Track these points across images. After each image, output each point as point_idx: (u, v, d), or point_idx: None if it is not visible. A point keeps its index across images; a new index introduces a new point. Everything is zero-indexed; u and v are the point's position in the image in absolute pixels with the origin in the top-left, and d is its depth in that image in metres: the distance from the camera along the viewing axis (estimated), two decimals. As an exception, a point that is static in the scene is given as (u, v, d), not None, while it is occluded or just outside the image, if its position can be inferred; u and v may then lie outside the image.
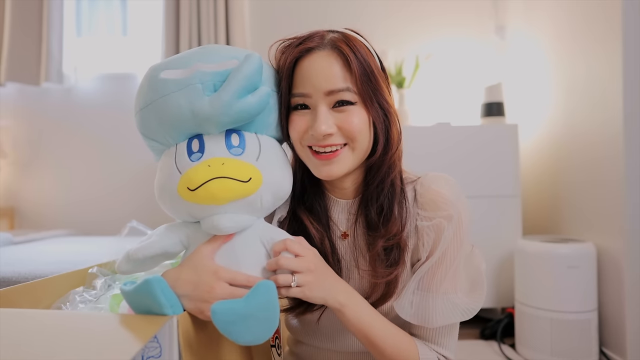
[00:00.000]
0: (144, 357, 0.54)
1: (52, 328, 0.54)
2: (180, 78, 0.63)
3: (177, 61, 0.65)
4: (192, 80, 0.62)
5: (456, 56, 2.37)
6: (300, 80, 0.72)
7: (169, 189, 0.65)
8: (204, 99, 0.61)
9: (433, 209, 0.73)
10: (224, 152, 0.64)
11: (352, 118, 0.71)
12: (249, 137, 0.67)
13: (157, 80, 0.64)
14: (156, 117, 0.65)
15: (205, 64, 0.63)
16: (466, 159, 1.95)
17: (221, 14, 2.35)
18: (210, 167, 0.61)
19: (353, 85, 0.70)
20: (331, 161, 0.72)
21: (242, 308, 0.57)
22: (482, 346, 1.86)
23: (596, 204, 1.75)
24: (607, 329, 1.69)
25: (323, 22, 2.43)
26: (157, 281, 0.56)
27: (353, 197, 0.80)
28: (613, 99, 1.63)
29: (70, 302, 0.76)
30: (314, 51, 0.72)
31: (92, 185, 2.53)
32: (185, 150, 0.65)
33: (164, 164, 0.67)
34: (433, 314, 0.72)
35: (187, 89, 0.62)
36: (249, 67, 0.62)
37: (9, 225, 2.49)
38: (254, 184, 0.63)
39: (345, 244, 0.80)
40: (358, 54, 0.71)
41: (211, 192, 0.61)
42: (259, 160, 0.66)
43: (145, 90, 0.65)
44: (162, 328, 0.54)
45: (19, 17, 2.39)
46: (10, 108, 2.54)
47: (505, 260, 1.95)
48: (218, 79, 0.63)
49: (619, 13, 1.57)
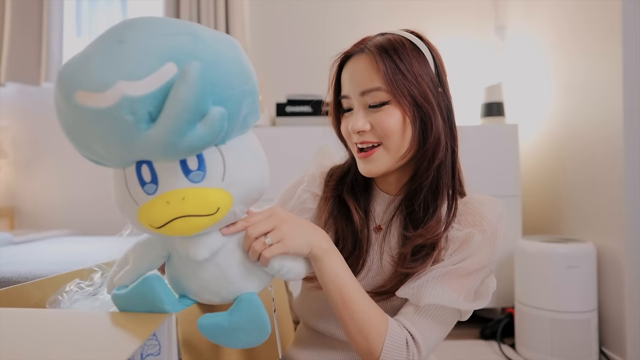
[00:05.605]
0: (143, 355, 0.54)
1: (51, 327, 0.54)
2: (102, 107, 0.45)
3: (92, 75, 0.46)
4: (119, 112, 0.45)
5: (456, 56, 2.37)
6: (343, 84, 0.80)
7: (129, 214, 0.57)
8: (140, 134, 0.47)
9: (470, 225, 0.75)
10: (182, 182, 0.52)
11: (384, 117, 0.74)
12: (209, 156, 0.54)
13: (75, 106, 0.47)
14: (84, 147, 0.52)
15: (129, 83, 0.45)
16: (466, 159, 1.94)
17: (221, 14, 2.35)
18: (169, 204, 0.52)
19: (383, 85, 0.74)
20: (368, 159, 0.77)
21: (226, 323, 0.56)
22: (482, 346, 1.86)
23: (596, 203, 1.75)
24: (607, 329, 1.69)
25: (323, 22, 2.46)
26: (157, 278, 0.56)
27: (397, 192, 0.83)
28: (613, 99, 1.63)
29: (67, 293, 0.75)
30: (353, 56, 0.78)
31: (92, 185, 2.53)
32: (136, 179, 0.54)
33: (117, 184, 0.57)
34: (426, 293, 0.71)
35: (116, 123, 0.46)
36: (189, 91, 0.45)
37: (9, 225, 2.49)
38: (223, 211, 0.55)
39: (377, 236, 0.82)
40: (390, 54, 0.74)
41: (177, 230, 0.54)
42: (225, 179, 0.55)
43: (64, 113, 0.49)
44: (161, 326, 0.54)
45: (19, 17, 2.39)
46: (10, 108, 2.54)
47: (505, 260, 1.95)
48: (151, 104, 0.46)
49: (619, 13, 1.58)
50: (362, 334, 0.68)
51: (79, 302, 0.76)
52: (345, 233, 0.82)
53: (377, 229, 0.83)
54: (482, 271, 0.75)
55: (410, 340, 0.70)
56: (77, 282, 0.80)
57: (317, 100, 2.07)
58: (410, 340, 0.70)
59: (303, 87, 2.35)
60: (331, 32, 2.45)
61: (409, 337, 0.71)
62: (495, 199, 0.79)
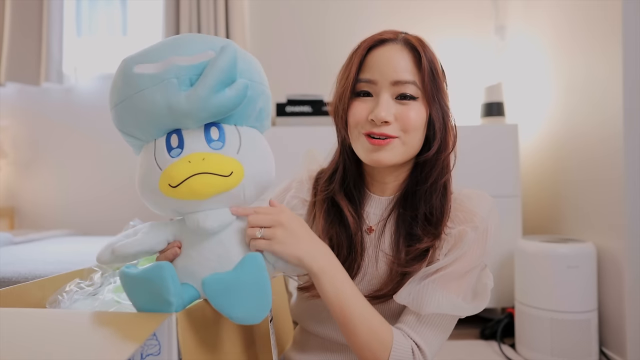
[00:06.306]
0: (143, 355, 0.54)
1: (51, 327, 0.54)
2: (154, 73, 0.60)
3: (150, 54, 0.62)
4: (167, 75, 0.60)
5: (456, 56, 2.37)
6: (369, 67, 0.76)
7: (150, 185, 0.63)
8: (180, 94, 0.59)
9: (462, 222, 0.75)
10: (203, 147, 0.62)
11: (411, 112, 0.74)
12: (229, 130, 0.65)
13: (131, 75, 0.61)
14: (132, 113, 0.63)
15: (179, 57, 0.61)
16: (466, 159, 1.93)
17: (221, 14, 2.35)
18: (190, 163, 0.61)
19: (419, 81, 0.74)
20: (383, 147, 0.75)
21: (230, 278, 0.59)
22: (482, 346, 1.86)
23: (596, 203, 1.75)
24: (607, 329, 1.69)
25: (323, 22, 2.46)
26: (169, 267, 0.56)
27: (390, 194, 0.83)
28: (613, 99, 1.63)
29: (67, 293, 0.76)
30: (387, 43, 0.77)
31: (92, 185, 2.53)
32: (164, 146, 0.63)
33: (144, 160, 0.66)
34: (427, 301, 0.71)
35: (163, 84, 0.60)
36: (225, 59, 0.60)
37: (9, 225, 2.49)
38: (236, 178, 0.63)
39: (369, 238, 0.82)
40: (428, 53, 0.76)
41: (193, 188, 0.60)
42: (239, 152, 0.64)
43: (120, 86, 0.63)
44: (161, 325, 0.54)
45: (19, 17, 2.39)
46: (10, 108, 2.54)
47: (505, 260, 1.94)
48: (194, 73, 0.60)
49: (619, 13, 1.58)
50: (368, 347, 0.69)
51: (79, 302, 0.76)
52: (340, 238, 0.81)
53: (369, 230, 0.82)
54: (478, 267, 0.76)
55: (416, 348, 0.71)
56: (77, 282, 0.80)
57: (317, 100, 2.07)
58: (416, 349, 0.71)
59: (303, 87, 2.35)
60: (331, 32, 2.45)
61: (414, 346, 0.71)
62: (484, 193, 0.79)
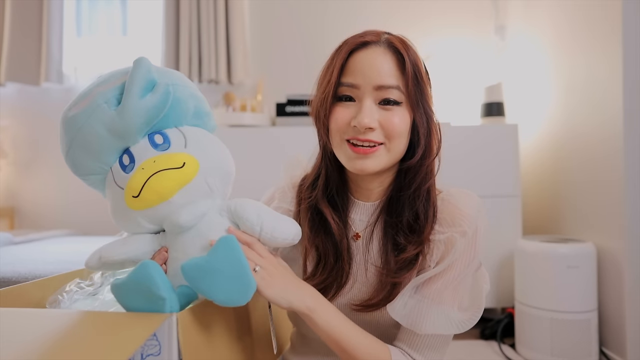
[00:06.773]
0: (143, 355, 0.54)
1: (51, 327, 0.54)
2: (85, 107, 0.65)
3: (78, 97, 0.68)
4: (95, 103, 0.65)
5: (456, 56, 2.37)
6: (351, 71, 0.73)
7: (119, 207, 0.67)
8: (112, 113, 0.65)
9: (450, 225, 0.73)
10: (152, 153, 0.67)
11: (395, 118, 0.71)
12: (172, 132, 0.69)
13: (68, 119, 0.67)
14: (82, 151, 0.68)
15: (102, 86, 0.66)
16: (466, 159, 1.95)
17: (221, 14, 2.35)
18: (144, 169, 0.65)
19: (403, 86, 0.71)
20: (367, 156, 0.72)
21: (205, 262, 0.59)
22: (482, 346, 1.86)
23: (596, 204, 1.75)
24: (607, 329, 1.69)
25: (323, 22, 2.46)
26: (153, 264, 0.57)
27: (375, 199, 0.80)
28: (613, 99, 1.63)
29: (67, 293, 0.76)
30: (370, 46, 0.73)
31: (92, 185, 2.53)
32: (119, 168, 0.67)
33: (109, 191, 0.69)
34: (423, 320, 0.70)
35: (95, 113, 0.65)
36: (139, 69, 0.65)
37: (9, 225, 2.49)
38: (191, 168, 0.66)
39: (356, 244, 0.80)
40: (412, 56, 0.73)
41: (154, 189, 0.64)
42: (187, 147, 0.68)
43: (63, 134, 0.68)
44: (162, 325, 0.54)
45: (19, 17, 2.39)
46: (10, 108, 2.54)
47: (505, 260, 1.95)
48: (118, 92, 0.66)
49: (619, 13, 1.58)
50: None
51: (79, 302, 0.75)
52: (326, 247, 0.79)
53: (355, 237, 0.80)
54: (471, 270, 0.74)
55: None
56: (77, 282, 0.80)
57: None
58: None
59: (303, 87, 2.34)
60: (331, 32, 2.45)
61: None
62: (471, 192, 0.77)
